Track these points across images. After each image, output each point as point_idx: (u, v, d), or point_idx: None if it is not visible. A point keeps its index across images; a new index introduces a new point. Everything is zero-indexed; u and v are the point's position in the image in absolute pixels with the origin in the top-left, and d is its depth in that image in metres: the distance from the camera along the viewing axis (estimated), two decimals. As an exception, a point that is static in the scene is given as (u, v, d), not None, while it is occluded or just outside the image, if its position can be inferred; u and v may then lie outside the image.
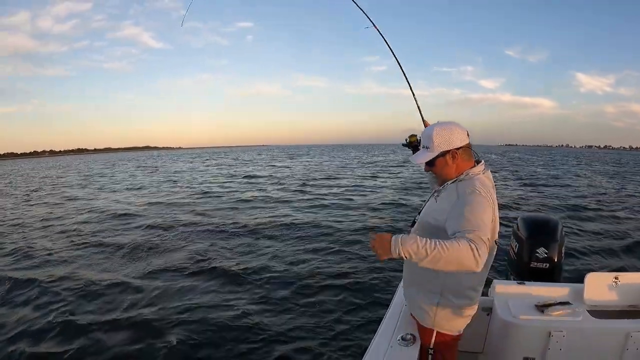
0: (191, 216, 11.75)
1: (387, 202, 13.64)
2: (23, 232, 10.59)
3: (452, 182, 1.97)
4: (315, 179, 23.41)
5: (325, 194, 16.26)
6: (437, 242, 1.62)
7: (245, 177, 25.03)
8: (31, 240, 9.50)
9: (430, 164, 2.01)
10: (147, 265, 7.11)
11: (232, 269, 6.67)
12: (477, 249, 1.61)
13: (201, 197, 16.00)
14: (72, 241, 9.18)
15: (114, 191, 20.06)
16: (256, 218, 11.19)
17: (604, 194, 16.88)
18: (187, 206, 13.66)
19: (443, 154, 1.95)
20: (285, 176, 25.53)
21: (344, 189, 18.10)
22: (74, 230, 10.41)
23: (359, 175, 25.38)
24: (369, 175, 25.80)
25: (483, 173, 1.97)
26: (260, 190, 18.11)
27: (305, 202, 14.00)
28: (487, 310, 2.73)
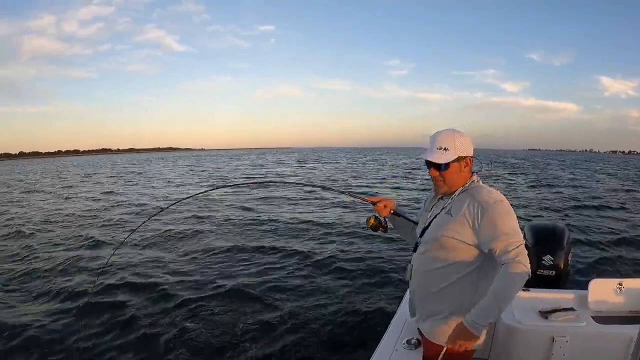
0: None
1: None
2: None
3: (460, 192, 1.98)
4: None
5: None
6: (498, 295, 1.80)
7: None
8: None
9: (444, 167, 1.95)
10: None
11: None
12: (523, 263, 1.78)
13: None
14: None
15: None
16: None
17: (618, 198, 16.91)
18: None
19: (459, 160, 1.95)
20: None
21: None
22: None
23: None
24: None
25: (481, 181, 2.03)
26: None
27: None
28: None
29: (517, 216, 1.90)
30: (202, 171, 39.06)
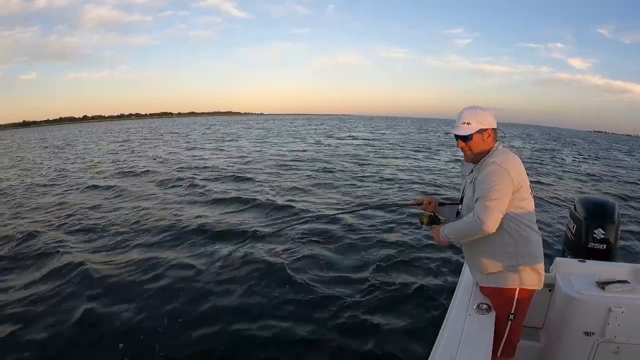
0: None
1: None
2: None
3: (482, 162, 2.33)
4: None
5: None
6: (452, 228, 2.36)
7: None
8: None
9: (468, 138, 2.34)
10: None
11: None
12: (481, 219, 2.14)
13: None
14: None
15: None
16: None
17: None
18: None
19: (481, 131, 2.32)
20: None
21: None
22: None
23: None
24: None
25: (503, 146, 2.40)
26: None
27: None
28: (549, 287, 2.88)
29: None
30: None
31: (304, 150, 22.85)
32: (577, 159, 24.89)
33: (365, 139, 32.83)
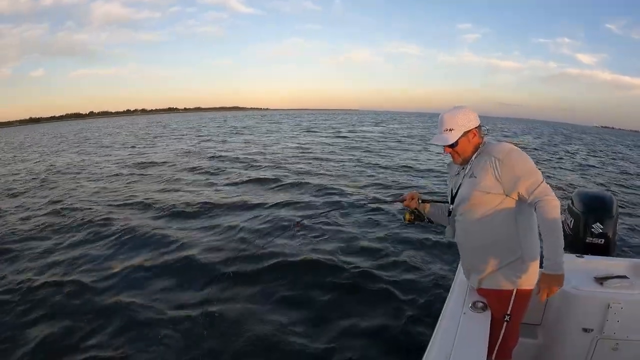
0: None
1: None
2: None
3: (476, 156, 2.28)
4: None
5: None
6: (551, 234, 2.07)
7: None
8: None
9: (454, 145, 2.27)
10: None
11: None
12: (550, 196, 2.08)
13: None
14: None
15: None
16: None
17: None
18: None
19: (465, 134, 2.25)
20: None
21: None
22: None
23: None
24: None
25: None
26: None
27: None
28: None
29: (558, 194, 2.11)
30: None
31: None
32: (581, 154, 24.89)
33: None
